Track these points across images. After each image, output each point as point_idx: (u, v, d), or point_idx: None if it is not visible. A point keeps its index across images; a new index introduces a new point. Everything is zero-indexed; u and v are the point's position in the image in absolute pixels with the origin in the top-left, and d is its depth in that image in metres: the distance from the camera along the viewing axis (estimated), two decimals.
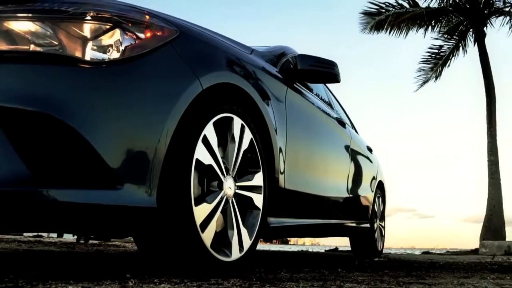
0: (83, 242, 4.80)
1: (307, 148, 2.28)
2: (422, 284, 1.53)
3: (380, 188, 4.11)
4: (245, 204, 1.61)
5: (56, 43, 1.17)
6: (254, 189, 1.65)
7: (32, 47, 1.15)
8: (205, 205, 1.37)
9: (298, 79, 2.25)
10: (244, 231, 1.56)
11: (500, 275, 2.08)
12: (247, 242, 1.57)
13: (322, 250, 6.80)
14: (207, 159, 1.40)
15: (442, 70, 11.42)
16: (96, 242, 4.98)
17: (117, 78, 1.19)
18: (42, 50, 1.16)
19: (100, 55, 1.20)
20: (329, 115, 2.78)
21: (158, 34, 1.32)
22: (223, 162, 1.50)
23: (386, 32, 10.94)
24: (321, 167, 2.52)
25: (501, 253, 6.34)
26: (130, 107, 1.19)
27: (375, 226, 3.87)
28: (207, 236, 1.37)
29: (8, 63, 1.11)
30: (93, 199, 1.12)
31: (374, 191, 3.84)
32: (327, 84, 3.09)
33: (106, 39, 1.22)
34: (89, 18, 1.22)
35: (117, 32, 1.24)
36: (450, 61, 11.33)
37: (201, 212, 1.35)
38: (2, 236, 4.81)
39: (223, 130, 1.53)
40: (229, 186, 1.50)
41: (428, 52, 11.38)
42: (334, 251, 6.12)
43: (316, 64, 2.18)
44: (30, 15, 1.18)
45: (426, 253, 7.63)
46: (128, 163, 1.17)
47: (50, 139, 1.08)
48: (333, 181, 2.77)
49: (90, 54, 1.18)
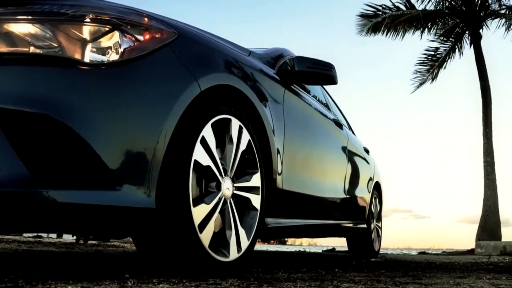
0: (83, 242, 4.79)
1: (305, 149, 2.29)
2: (419, 284, 1.54)
3: (376, 189, 4.13)
4: (243, 204, 1.62)
5: (55, 45, 1.17)
6: (252, 190, 1.66)
7: (32, 49, 1.16)
8: (203, 205, 1.38)
9: (295, 81, 2.26)
10: (242, 232, 1.57)
11: (496, 275, 2.09)
12: (245, 243, 1.58)
13: (320, 251, 6.80)
14: (205, 160, 1.41)
15: (438, 72, 11.46)
16: (95, 242, 4.97)
17: (116, 80, 1.19)
18: (41, 52, 1.16)
19: (99, 57, 1.20)
20: (326, 117, 2.79)
21: (157, 36, 1.33)
22: (221, 163, 1.51)
23: (383, 34, 10.96)
24: (318, 168, 2.53)
25: (496, 253, 6.36)
26: (129, 109, 1.20)
27: (372, 226, 3.89)
28: (206, 236, 1.38)
29: (8, 65, 1.12)
30: (92, 200, 1.12)
31: (371, 192, 3.86)
32: (325, 85, 3.11)
33: (105, 41, 1.23)
34: (88, 20, 1.22)
35: (116, 34, 1.24)
36: (446, 63, 11.37)
37: (199, 212, 1.36)
38: (2, 236, 4.79)
39: (221, 131, 1.54)
40: (227, 187, 1.51)
41: (424, 54, 11.43)
42: (332, 252, 6.13)
43: (313, 66, 2.20)
44: (30, 17, 1.19)
45: (422, 253, 7.66)
46: (127, 164, 1.18)
47: (50, 140, 1.09)
48: (330, 182, 2.78)
49: (89, 56, 1.19)
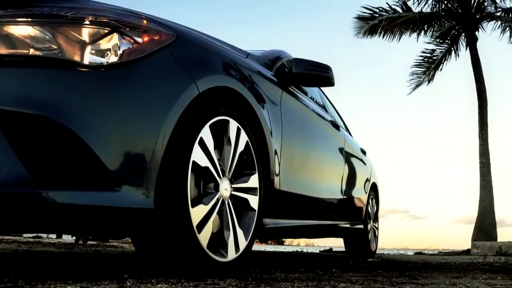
0: (82, 242, 4.78)
1: (302, 150, 2.30)
2: (415, 284, 1.55)
3: (373, 189, 4.14)
4: (241, 205, 1.63)
5: (55, 47, 1.18)
6: (250, 190, 1.67)
7: (31, 51, 1.16)
8: (201, 206, 1.39)
9: (293, 83, 2.27)
10: (240, 232, 1.58)
11: (491, 275, 2.10)
12: (243, 243, 1.59)
13: (317, 251, 6.81)
14: (204, 161, 1.42)
15: (434, 74, 11.50)
16: (94, 242, 4.96)
17: (115, 81, 1.20)
18: (41, 54, 1.17)
19: (98, 59, 1.21)
20: (323, 118, 2.80)
21: (155, 38, 1.34)
22: (219, 164, 1.52)
23: (379, 36, 10.99)
24: (315, 169, 2.54)
25: (492, 253, 6.38)
26: (128, 110, 1.20)
27: (369, 227, 3.90)
28: (204, 237, 1.38)
29: (8, 67, 1.12)
30: (91, 201, 1.13)
31: (367, 193, 3.87)
32: (322, 87, 3.12)
33: (104, 43, 1.24)
34: (87, 22, 1.23)
35: (115, 36, 1.25)
36: (442, 65, 11.41)
37: (197, 213, 1.37)
38: (2, 237, 4.77)
39: (219, 132, 1.55)
40: (225, 188, 1.52)
41: (420, 56, 11.46)
42: (329, 252, 6.14)
43: (310, 67, 2.21)
44: (29, 20, 1.19)
45: (418, 253, 7.68)
46: (126, 165, 1.18)
47: (49, 142, 1.09)
48: (327, 183, 2.79)
49: (89, 58, 1.20)
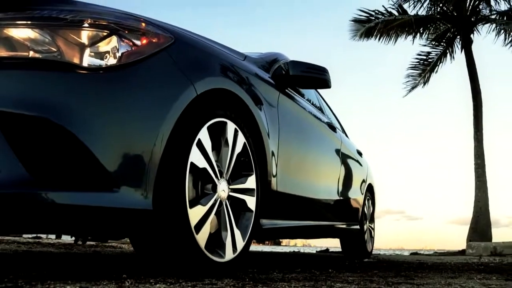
0: (81, 243, 4.77)
1: (299, 151, 2.32)
2: (411, 284, 1.56)
3: (369, 190, 4.16)
4: (238, 206, 1.65)
5: (54, 50, 1.19)
6: (247, 191, 1.68)
7: (31, 54, 1.17)
8: (199, 207, 1.40)
9: (290, 85, 2.29)
10: (237, 233, 1.59)
11: (486, 275, 2.11)
12: (240, 243, 1.60)
13: (314, 251, 6.82)
14: (202, 163, 1.43)
15: (430, 76, 11.56)
16: (93, 243, 4.96)
17: (114, 83, 1.21)
18: (41, 56, 1.17)
19: (97, 62, 1.22)
20: (320, 120, 2.82)
21: (154, 41, 1.35)
22: (217, 165, 1.53)
23: (375, 39, 11.05)
24: (312, 170, 2.56)
25: (487, 254, 6.41)
26: (126, 112, 1.21)
27: (365, 227, 3.92)
28: (202, 237, 1.39)
29: (8, 69, 1.13)
30: (90, 201, 1.14)
31: (364, 194, 3.89)
32: (319, 89, 3.14)
33: (103, 46, 1.24)
34: (86, 25, 1.24)
35: (114, 39, 1.26)
36: (437, 67, 11.47)
37: (195, 214, 1.38)
38: (2, 237, 4.76)
39: (217, 134, 1.56)
40: (223, 189, 1.53)
41: (416, 58, 11.52)
42: (325, 252, 6.16)
43: (307, 70, 2.22)
44: (29, 22, 1.20)
45: (414, 254, 7.70)
46: (124, 167, 1.19)
47: (49, 143, 1.10)
48: (324, 184, 2.81)
49: (88, 60, 1.20)
